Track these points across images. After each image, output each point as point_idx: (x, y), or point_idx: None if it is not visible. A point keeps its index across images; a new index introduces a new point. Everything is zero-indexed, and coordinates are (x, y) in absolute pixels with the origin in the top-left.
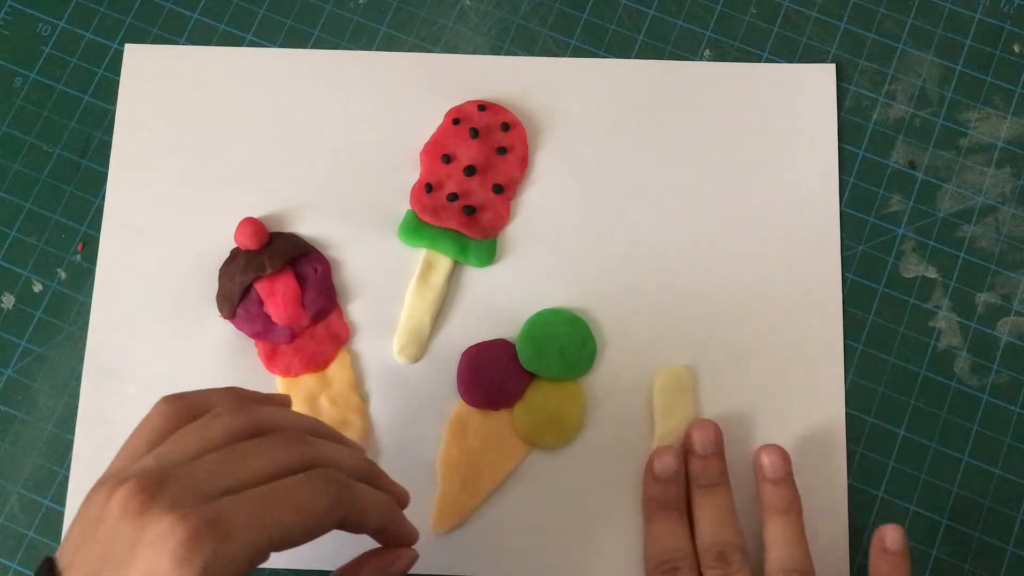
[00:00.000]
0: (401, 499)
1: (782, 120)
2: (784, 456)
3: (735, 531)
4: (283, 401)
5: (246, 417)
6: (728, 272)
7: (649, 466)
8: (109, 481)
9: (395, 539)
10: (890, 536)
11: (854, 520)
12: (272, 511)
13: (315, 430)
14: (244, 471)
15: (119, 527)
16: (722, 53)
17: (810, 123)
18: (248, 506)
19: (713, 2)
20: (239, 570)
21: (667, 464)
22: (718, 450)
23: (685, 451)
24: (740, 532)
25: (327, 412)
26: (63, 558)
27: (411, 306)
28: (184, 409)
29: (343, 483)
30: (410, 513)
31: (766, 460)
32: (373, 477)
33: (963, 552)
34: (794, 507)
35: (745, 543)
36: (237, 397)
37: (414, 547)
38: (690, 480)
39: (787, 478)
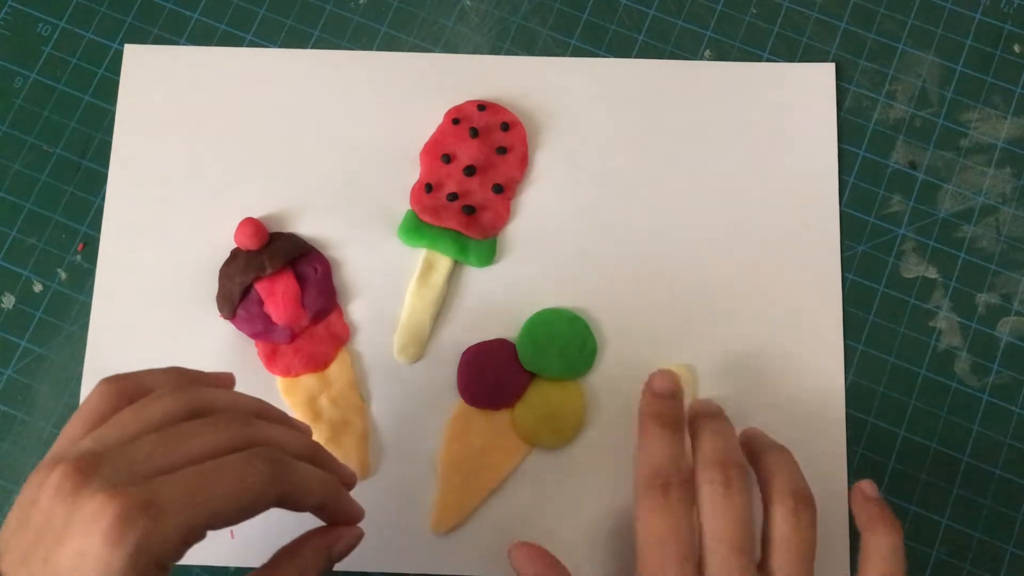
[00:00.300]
0: (346, 480)
1: (782, 120)
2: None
3: (738, 451)
4: (226, 381)
5: (186, 398)
6: (728, 272)
7: (648, 384)
8: (47, 464)
9: (338, 517)
10: (868, 486)
11: (854, 520)
12: (207, 489)
13: (258, 411)
14: (181, 451)
15: (53, 508)
16: (722, 53)
17: (810, 123)
18: (182, 485)
19: (713, 2)
20: (173, 549)
21: (668, 381)
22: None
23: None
24: (742, 456)
25: (327, 412)
26: (0, 542)
27: (411, 306)
28: (124, 390)
29: (280, 460)
30: (410, 513)
31: (750, 431)
32: (316, 457)
33: (963, 552)
34: (787, 450)
35: (747, 467)
36: (178, 377)
37: (359, 525)
38: (691, 415)
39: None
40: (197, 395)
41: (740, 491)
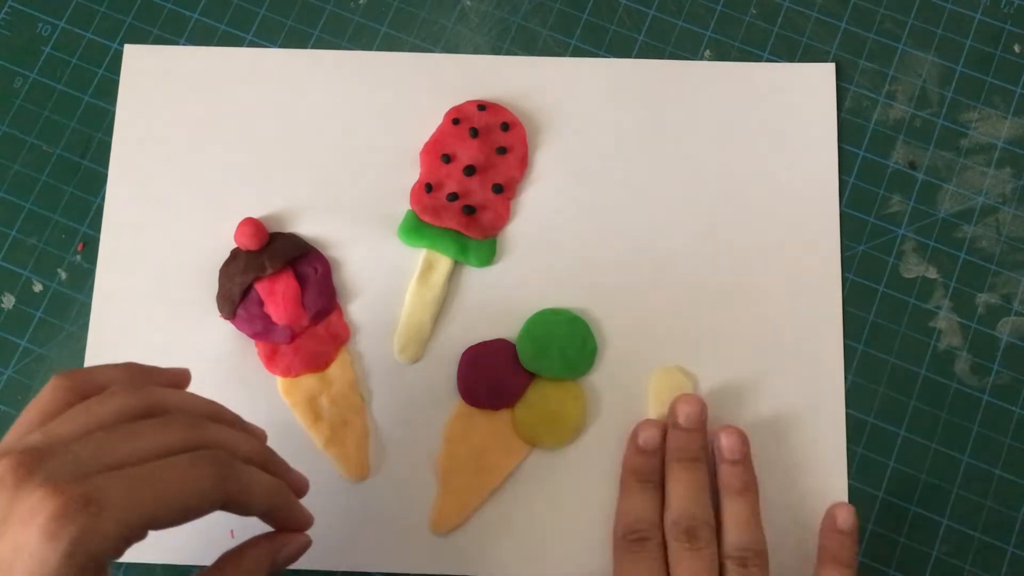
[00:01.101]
0: (297, 486)
1: (782, 120)
2: (743, 438)
3: (706, 508)
4: (181, 378)
5: (140, 397)
6: (728, 272)
7: (633, 437)
8: None
9: (286, 523)
10: (842, 516)
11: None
12: (149, 489)
13: (211, 413)
14: (127, 450)
15: None
16: (722, 53)
17: (810, 123)
18: (124, 483)
19: (713, 2)
20: (112, 546)
21: (651, 436)
22: (700, 425)
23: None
24: (710, 510)
25: (327, 412)
26: None
27: (411, 306)
28: (78, 386)
29: (227, 464)
30: (410, 513)
31: (724, 441)
32: (268, 462)
33: (963, 552)
34: (750, 488)
35: (713, 521)
36: (132, 375)
37: (307, 533)
38: (667, 453)
39: (744, 460)
40: (150, 394)
41: (706, 543)
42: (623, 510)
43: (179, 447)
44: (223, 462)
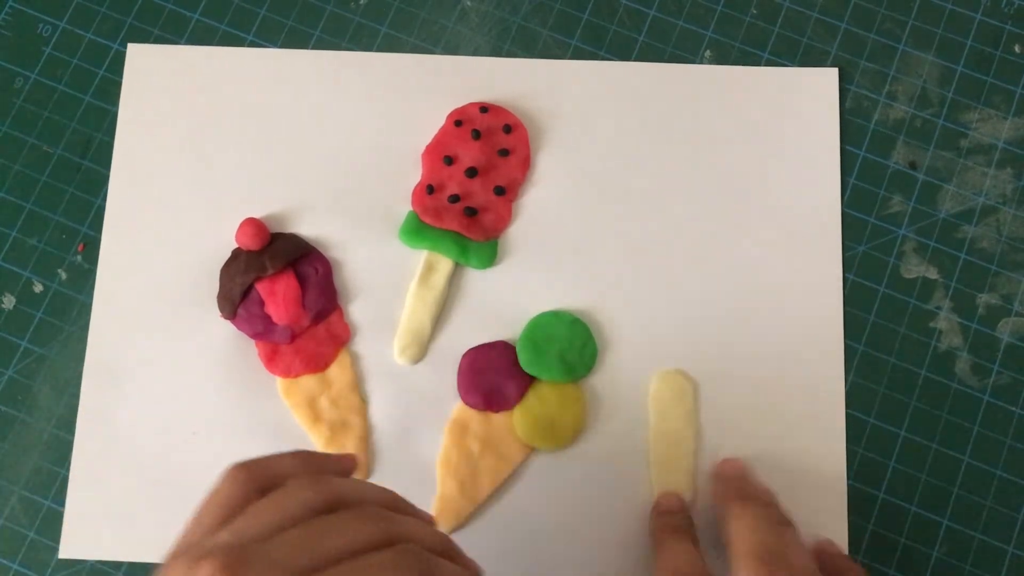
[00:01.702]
0: (475, 572)
1: (784, 123)
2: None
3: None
4: (349, 464)
5: (324, 491)
6: (729, 273)
7: (655, 507)
8: (186, 555)
9: None
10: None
11: (854, 520)
12: None
13: (390, 503)
14: (325, 548)
15: None
16: (723, 53)
17: (812, 127)
18: None
19: (714, 3)
20: None
21: (674, 500)
22: (748, 473)
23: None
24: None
25: (327, 413)
26: None
27: (412, 307)
28: (255, 478)
29: (428, 560)
30: None
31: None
32: (449, 550)
33: (963, 552)
34: (791, 524)
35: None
36: (307, 463)
37: None
38: (726, 497)
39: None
40: (331, 487)
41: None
42: (662, 563)
43: (372, 543)
44: (423, 559)
